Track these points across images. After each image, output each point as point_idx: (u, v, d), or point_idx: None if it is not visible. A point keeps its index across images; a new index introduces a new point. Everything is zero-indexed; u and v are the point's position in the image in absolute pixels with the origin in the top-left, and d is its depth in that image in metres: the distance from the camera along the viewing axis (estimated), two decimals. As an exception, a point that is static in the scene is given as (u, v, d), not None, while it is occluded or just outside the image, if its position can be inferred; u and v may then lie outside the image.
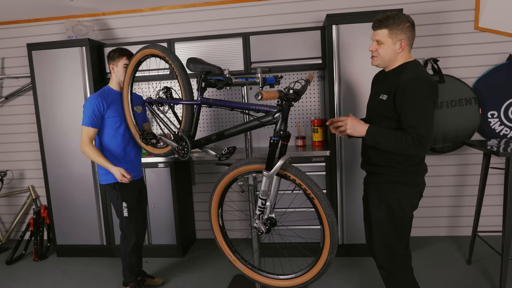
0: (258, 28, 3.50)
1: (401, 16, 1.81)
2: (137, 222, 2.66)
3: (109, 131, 2.55)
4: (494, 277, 2.75)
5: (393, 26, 1.80)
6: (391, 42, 1.83)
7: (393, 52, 1.84)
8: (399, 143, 1.74)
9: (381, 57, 1.88)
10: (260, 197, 1.77)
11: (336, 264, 3.06)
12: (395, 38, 1.82)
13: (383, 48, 1.85)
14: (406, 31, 1.81)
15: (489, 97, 3.29)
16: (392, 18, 1.81)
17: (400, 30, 1.81)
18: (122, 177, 2.40)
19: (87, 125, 2.49)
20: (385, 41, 1.84)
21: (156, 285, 2.90)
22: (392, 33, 1.82)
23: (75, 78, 3.28)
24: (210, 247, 3.63)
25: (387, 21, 1.81)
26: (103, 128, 2.55)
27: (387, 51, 1.85)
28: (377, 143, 1.81)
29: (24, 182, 4.04)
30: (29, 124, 3.93)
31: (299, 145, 3.43)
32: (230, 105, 1.91)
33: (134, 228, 2.65)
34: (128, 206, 2.60)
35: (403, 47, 1.83)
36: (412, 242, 3.39)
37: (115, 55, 2.52)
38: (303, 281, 1.81)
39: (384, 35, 1.83)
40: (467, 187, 3.48)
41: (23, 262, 3.52)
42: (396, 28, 1.80)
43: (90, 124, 2.48)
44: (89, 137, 2.49)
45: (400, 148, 1.76)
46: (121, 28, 3.71)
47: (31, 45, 3.31)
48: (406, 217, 1.90)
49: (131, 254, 2.68)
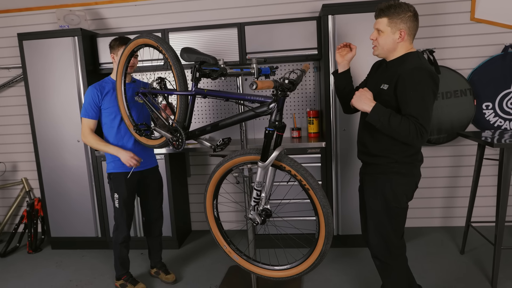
0: (254, 18, 3.46)
1: (403, 6, 1.79)
2: (128, 214, 2.63)
3: (106, 122, 2.54)
4: (487, 266, 2.78)
5: (393, 15, 1.79)
6: (390, 31, 1.81)
7: (393, 41, 1.83)
8: (402, 126, 1.70)
9: (381, 46, 1.86)
10: (255, 188, 1.76)
11: (331, 255, 3.08)
12: (395, 27, 1.80)
13: (383, 37, 1.84)
14: (407, 20, 1.79)
15: (484, 89, 3.29)
16: (393, 8, 1.79)
17: (400, 20, 1.79)
18: (130, 160, 2.39)
19: (85, 116, 2.50)
20: (385, 30, 1.82)
21: (167, 281, 2.81)
22: (392, 22, 1.80)
23: (68, 69, 3.24)
24: (205, 238, 3.63)
25: (388, 10, 1.80)
26: (101, 119, 2.55)
27: (386, 40, 1.83)
28: (380, 122, 1.74)
29: (17, 174, 4.01)
30: (21, 115, 3.87)
31: (295, 136, 3.42)
32: (224, 95, 1.88)
33: (124, 220, 2.62)
34: (120, 198, 2.58)
35: (402, 37, 1.81)
36: (407, 233, 3.41)
37: (116, 43, 2.50)
38: (298, 271, 1.81)
39: (383, 23, 1.82)
40: (461, 178, 3.50)
41: (17, 254, 3.51)
42: (396, 18, 1.79)
43: (87, 116, 2.49)
44: (89, 128, 2.50)
45: (401, 132, 1.71)
46: (114, 18, 3.65)
47: (22, 34, 3.25)
48: (401, 207, 1.91)
49: (122, 246, 2.65)
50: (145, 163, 2.64)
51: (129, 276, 2.74)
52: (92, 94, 2.48)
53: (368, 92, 1.83)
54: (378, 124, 1.76)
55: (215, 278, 2.86)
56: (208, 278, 2.86)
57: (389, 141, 1.86)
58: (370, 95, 1.81)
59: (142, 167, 2.62)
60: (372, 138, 1.94)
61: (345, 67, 2.11)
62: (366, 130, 1.98)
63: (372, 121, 1.78)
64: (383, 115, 1.73)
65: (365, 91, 1.83)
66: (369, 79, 2.05)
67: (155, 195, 2.77)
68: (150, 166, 2.70)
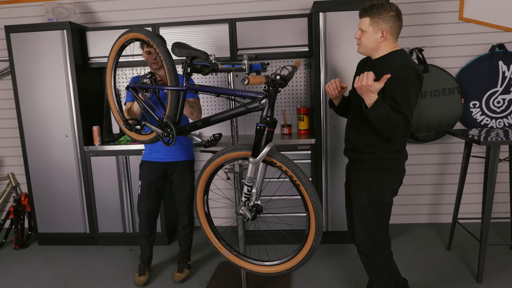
0: (245, 15, 3.45)
1: (385, 5, 1.81)
2: (146, 206, 2.68)
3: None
4: (472, 262, 2.84)
5: (375, 15, 1.81)
6: (372, 30, 1.84)
7: (375, 41, 1.85)
8: (397, 121, 1.71)
9: (364, 45, 1.89)
10: (246, 184, 1.77)
11: (320, 251, 3.10)
12: (376, 27, 1.83)
13: (365, 37, 1.86)
14: (389, 20, 1.81)
15: (472, 87, 3.34)
16: (376, 7, 1.81)
17: (382, 20, 1.81)
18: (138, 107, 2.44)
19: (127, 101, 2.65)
20: (367, 29, 1.85)
21: (174, 279, 2.77)
22: (374, 22, 1.82)
23: (56, 63, 3.19)
24: (195, 234, 3.62)
25: (371, 10, 1.82)
26: None
27: (369, 40, 1.86)
28: (381, 114, 1.70)
29: (4, 169, 3.94)
30: (8, 109, 3.80)
31: (285, 133, 3.43)
32: (216, 91, 1.88)
33: (143, 211, 2.69)
34: (142, 185, 2.67)
35: (384, 36, 1.83)
36: (394, 229, 3.47)
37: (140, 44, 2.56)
38: (288, 267, 1.82)
39: (366, 23, 1.85)
40: (448, 176, 3.56)
41: (3, 250, 3.45)
42: (378, 17, 1.81)
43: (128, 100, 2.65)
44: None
45: (394, 126, 1.71)
46: (104, 12, 3.60)
47: (9, 27, 3.18)
48: (385, 203, 1.94)
49: (141, 235, 2.76)
50: (170, 155, 2.66)
51: (144, 266, 2.79)
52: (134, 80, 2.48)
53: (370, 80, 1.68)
54: (376, 117, 1.71)
55: (205, 274, 2.86)
56: (198, 274, 2.86)
57: (375, 138, 1.89)
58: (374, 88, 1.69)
59: (166, 159, 2.67)
60: (358, 134, 1.96)
61: (339, 99, 2.10)
62: (352, 127, 2.01)
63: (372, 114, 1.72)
64: (383, 108, 1.71)
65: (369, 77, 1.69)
66: (356, 76, 2.06)
67: (180, 189, 2.74)
68: (176, 159, 2.68)
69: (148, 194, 2.68)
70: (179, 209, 2.78)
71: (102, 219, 3.36)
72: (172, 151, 2.66)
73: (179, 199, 2.77)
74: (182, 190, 2.74)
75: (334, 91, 2.01)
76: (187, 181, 2.75)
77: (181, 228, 2.83)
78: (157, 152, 2.66)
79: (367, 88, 1.68)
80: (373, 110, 1.71)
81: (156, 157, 2.67)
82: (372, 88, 1.67)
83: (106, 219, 3.35)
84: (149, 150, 2.69)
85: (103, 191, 3.30)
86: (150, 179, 2.67)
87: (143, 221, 2.73)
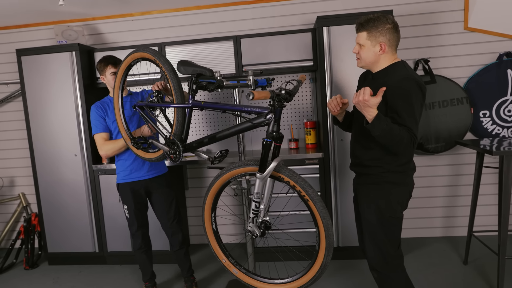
0: (249, 31, 3.49)
1: (381, 19, 1.80)
2: (141, 225, 2.65)
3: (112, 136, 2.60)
4: (491, 277, 2.74)
5: (372, 28, 1.81)
6: (370, 44, 1.83)
7: (374, 54, 1.84)
8: (400, 135, 1.69)
9: (363, 59, 1.88)
10: (254, 200, 1.74)
11: (331, 268, 3.03)
12: (374, 40, 1.82)
13: (364, 51, 1.86)
14: (386, 33, 1.80)
15: (481, 97, 3.30)
16: (372, 21, 1.80)
17: (379, 33, 1.80)
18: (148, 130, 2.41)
19: (96, 132, 2.56)
20: (365, 43, 1.84)
21: None
22: (371, 35, 1.82)
23: (65, 84, 3.24)
24: (203, 252, 3.59)
25: (367, 24, 1.82)
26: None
27: (367, 54, 1.85)
28: (382, 129, 1.68)
29: (15, 189, 3.97)
30: (19, 130, 3.87)
31: (292, 147, 3.41)
32: (221, 107, 1.88)
33: (137, 230, 2.65)
34: (129, 209, 2.62)
35: (383, 49, 1.82)
36: (408, 243, 3.38)
37: (101, 65, 2.58)
38: (299, 285, 1.78)
39: (363, 37, 1.84)
40: (461, 187, 3.48)
41: (13, 271, 3.45)
42: (375, 31, 1.80)
43: (98, 130, 2.56)
44: (103, 140, 2.54)
45: (398, 140, 1.69)
46: (112, 33, 3.67)
47: (20, 50, 3.27)
48: (395, 217, 1.89)
49: (139, 252, 2.69)
50: (151, 171, 2.62)
51: (150, 285, 2.75)
52: (96, 110, 2.56)
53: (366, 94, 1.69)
54: (378, 132, 1.70)
55: (215, 292, 2.81)
56: (208, 293, 2.82)
57: (380, 151, 1.86)
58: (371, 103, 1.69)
59: (148, 175, 2.61)
60: (363, 148, 1.93)
61: (342, 115, 2.09)
62: (357, 142, 1.99)
63: (373, 129, 1.71)
64: (385, 122, 1.69)
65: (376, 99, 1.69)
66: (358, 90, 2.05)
67: (166, 207, 2.66)
68: (157, 174, 2.65)
69: (137, 214, 2.62)
70: (171, 228, 2.67)
71: (111, 238, 3.35)
72: (153, 165, 2.63)
73: (167, 217, 2.66)
74: (168, 206, 2.65)
75: (336, 107, 2.00)
76: (169, 195, 2.67)
77: (176, 249, 2.72)
78: (138, 171, 2.58)
79: (364, 104, 1.67)
80: (374, 125, 1.69)
81: (138, 176, 2.58)
82: (370, 103, 1.66)
83: (115, 237, 3.34)
84: (128, 171, 2.58)
85: (112, 209, 3.29)
86: (136, 201, 2.60)
87: (138, 240, 2.65)
